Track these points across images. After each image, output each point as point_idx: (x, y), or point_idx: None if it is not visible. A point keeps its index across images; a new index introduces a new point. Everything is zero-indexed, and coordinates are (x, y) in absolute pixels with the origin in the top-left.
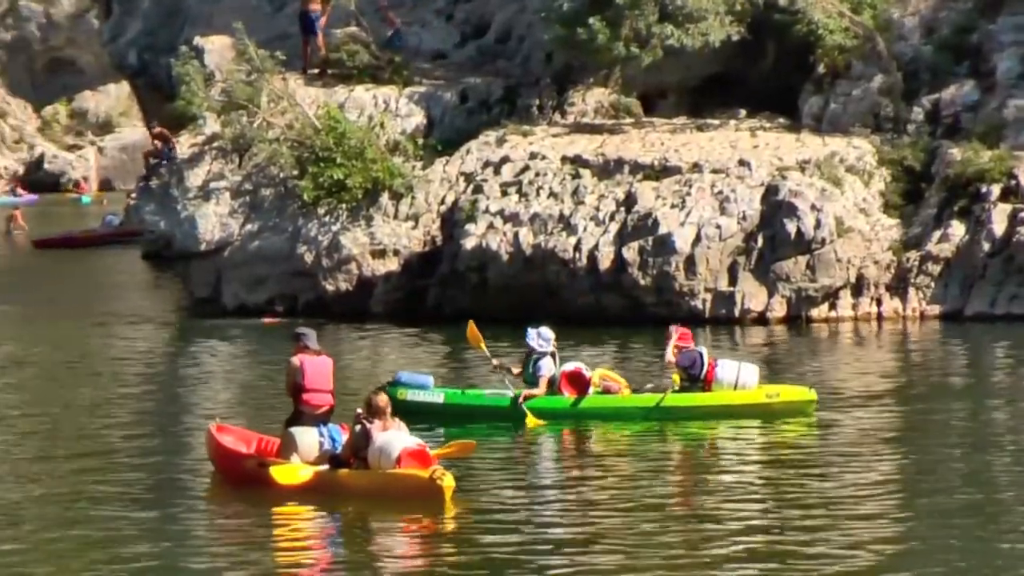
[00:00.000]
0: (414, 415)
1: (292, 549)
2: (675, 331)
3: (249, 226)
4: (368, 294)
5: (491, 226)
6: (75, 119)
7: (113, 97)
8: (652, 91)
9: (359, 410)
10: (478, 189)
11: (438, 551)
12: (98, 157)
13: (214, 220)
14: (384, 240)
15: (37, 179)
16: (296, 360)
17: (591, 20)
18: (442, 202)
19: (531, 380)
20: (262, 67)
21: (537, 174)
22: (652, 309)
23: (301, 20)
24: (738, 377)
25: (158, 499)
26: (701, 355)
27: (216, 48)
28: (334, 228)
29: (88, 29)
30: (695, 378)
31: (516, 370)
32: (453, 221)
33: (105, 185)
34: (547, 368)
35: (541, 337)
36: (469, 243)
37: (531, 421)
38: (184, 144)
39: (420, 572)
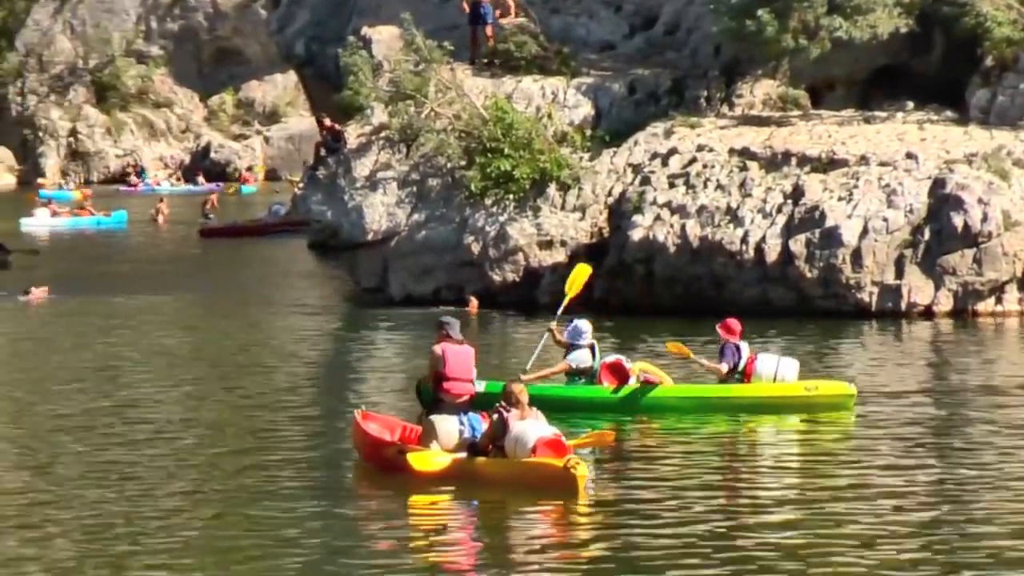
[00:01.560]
0: None
1: (427, 534)
2: (720, 329)
3: (416, 216)
4: (535, 285)
5: (658, 218)
6: (241, 109)
7: (280, 87)
8: (820, 83)
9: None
10: (645, 181)
11: (570, 540)
12: (264, 147)
13: (381, 210)
14: (551, 231)
15: (203, 168)
16: (438, 349)
17: (760, 12)
18: (609, 193)
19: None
20: (430, 57)
21: (704, 166)
22: (819, 302)
23: (471, 10)
24: (777, 371)
25: (304, 484)
26: (738, 348)
27: (384, 38)
28: (501, 219)
29: (255, 19)
30: (732, 371)
31: (560, 337)
32: (620, 212)
33: (271, 175)
34: (575, 359)
35: (576, 330)
36: (636, 235)
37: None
38: (351, 134)
39: (552, 561)
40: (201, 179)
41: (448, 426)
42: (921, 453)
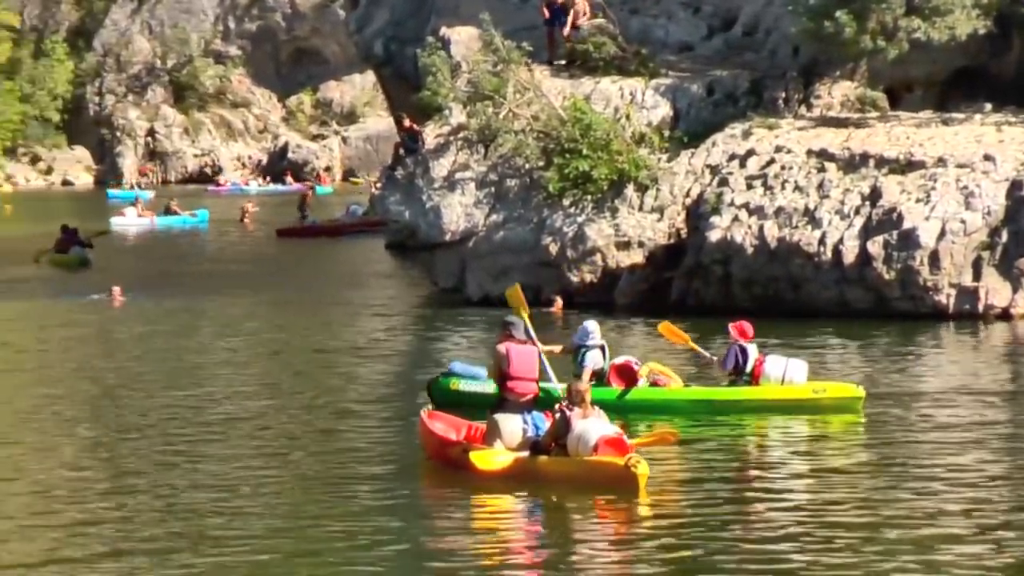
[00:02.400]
0: (466, 406)
1: (487, 531)
2: (732, 328)
3: (494, 217)
4: (612, 286)
5: (736, 219)
6: (319, 109)
7: (357, 87)
8: (898, 85)
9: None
10: (723, 182)
11: (631, 539)
12: (342, 147)
13: (459, 210)
14: (629, 232)
15: (280, 169)
16: (502, 348)
17: (838, 13)
18: (687, 194)
19: (578, 372)
20: (508, 58)
21: (782, 167)
22: (896, 304)
23: (548, 11)
24: (785, 373)
25: (371, 482)
26: (743, 350)
27: (462, 39)
28: (579, 219)
29: (333, 19)
30: (740, 372)
31: (557, 349)
32: (698, 214)
33: (348, 175)
34: (591, 361)
35: (584, 331)
36: (714, 236)
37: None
38: (429, 135)
39: (612, 559)
40: (290, 179)
41: (512, 425)
42: (1005, 457)
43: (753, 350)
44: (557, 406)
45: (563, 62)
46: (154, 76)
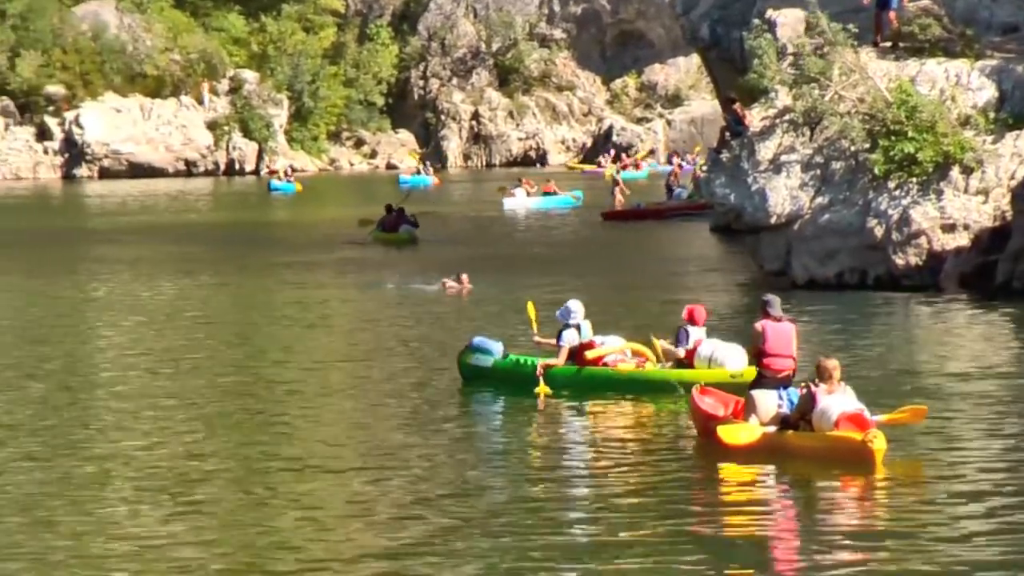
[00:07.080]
0: (480, 379)
1: (722, 504)
2: (684, 310)
3: (819, 199)
4: (938, 268)
5: None
6: (643, 92)
7: (682, 70)
8: None
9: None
10: None
11: (860, 512)
12: (666, 129)
13: (784, 193)
14: (954, 214)
15: (605, 151)
16: (759, 326)
17: None
18: (1012, 177)
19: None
20: (834, 40)
21: None
22: None
23: None
24: (712, 356)
25: (642, 460)
26: (686, 332)
27: (788, 21)
28: (904, 202)
29: (658, 2)
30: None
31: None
32: (1023, 196)
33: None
34: (566, 339)
35: (567, 310)
36: None
37: (541, 389)
38: (755, 117)
39: (841, 531)
40: (677, 159)
41: (767, 401)
42: None
43: (696, 333)
44: (805, 382)
45: (888, 44)
46: (479, 60)
